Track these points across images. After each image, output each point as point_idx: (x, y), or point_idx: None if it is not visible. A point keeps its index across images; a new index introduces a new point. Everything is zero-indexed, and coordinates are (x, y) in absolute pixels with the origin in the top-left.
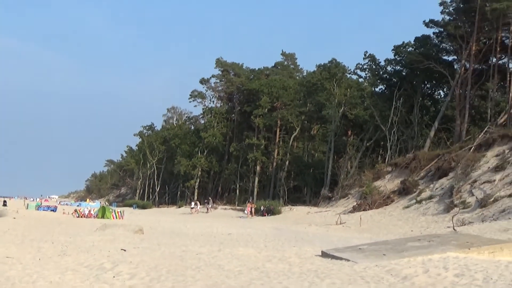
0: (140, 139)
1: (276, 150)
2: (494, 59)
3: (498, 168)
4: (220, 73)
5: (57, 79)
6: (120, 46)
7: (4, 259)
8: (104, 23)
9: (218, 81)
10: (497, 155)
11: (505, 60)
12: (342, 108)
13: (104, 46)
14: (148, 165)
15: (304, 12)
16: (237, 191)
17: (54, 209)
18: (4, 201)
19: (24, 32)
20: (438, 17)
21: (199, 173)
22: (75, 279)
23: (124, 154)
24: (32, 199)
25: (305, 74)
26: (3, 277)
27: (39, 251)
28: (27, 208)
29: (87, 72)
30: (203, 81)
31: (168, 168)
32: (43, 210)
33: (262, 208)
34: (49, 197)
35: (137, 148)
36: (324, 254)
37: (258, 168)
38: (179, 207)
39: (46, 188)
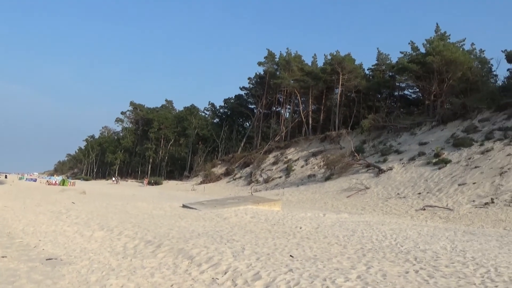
0: (86, 143)
1: (160, 151)
2: (274, 108)
3: (274, 163)
4: (132, 108)
5: (42, 109)
6: (76, 88)
7: (3, 208)
8: (70, 74)
9: (131, 113)
10: (274, 156)
11: (279, 109)
12: (196, 130)
13: (67, 88)
14: (90, 157)
15: (183, 72)
16: (139, 172)
17: (35, 180)
18: (6, 175)
19: (24, 79)
20: (247, 84)
21: (118, 162)
22: (44, 218)
23: (77, 151)
24: (22, 174)
25: (177, 111)
26: (1, 217)
27: (24, 203)
28: (19, 179)
29: (61, 103)
30: (122, 113)
31: (101, 159)
32: (28, 181)
33: (152, 181)
34: (32, 173)
35: (84, 147)
36: (184, 206)
37: (151, 160)
38: (107, 180)
39: (31, 168)
